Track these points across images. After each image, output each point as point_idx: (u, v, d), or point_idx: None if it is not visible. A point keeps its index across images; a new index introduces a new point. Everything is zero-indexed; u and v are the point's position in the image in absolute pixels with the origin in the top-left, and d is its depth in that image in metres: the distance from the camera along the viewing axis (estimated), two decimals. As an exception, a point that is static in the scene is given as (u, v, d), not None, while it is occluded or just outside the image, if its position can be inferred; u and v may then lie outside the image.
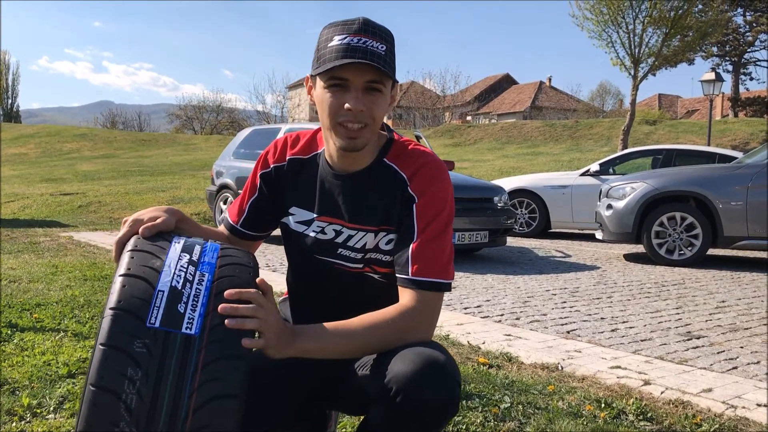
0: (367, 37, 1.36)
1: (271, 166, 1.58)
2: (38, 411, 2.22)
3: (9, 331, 3.22)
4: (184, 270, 1.21)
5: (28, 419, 2.17)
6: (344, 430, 2.20)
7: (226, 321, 1.15)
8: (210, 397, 1.10)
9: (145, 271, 1.19)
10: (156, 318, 1.13)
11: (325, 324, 1.31)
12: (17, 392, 2.39)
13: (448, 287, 1.42)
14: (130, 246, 1.26)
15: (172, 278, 1.18)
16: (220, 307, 1.16)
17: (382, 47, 1.36)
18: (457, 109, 50.78)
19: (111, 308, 1.13)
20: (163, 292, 1.16)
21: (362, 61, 1.33)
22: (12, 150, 31.55)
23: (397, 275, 1.42)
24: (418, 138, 9.43)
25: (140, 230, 1.31)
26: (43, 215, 12.03)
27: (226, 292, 1.18)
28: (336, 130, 1.41)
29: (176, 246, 1.26)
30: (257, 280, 1.25)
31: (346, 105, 1.36)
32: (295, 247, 1.58)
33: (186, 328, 1.14)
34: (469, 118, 52.23)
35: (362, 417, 1.49)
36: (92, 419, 1.07)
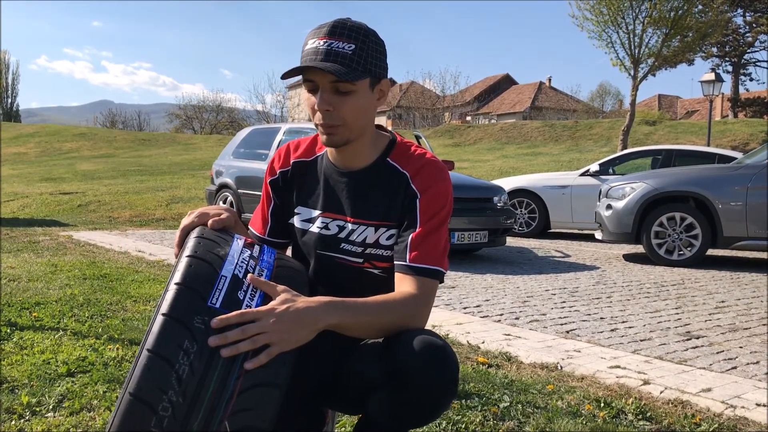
0: (333, 39, 1.41)
1: (278, 171, 1.65)
2: (37, 409, 2.22)
3: (8, 330, 3.22)
4: (246, 263, 1.30)
5: (27, 417, 2.17)
6: (343, 429, 2.20)
7: (221, 351, 1.17)
8: (256, 382, 1.16)
9: (210, 256, 1.27)
10: (217, 299, 1.20)
11: (348, 299, 1.35)
12: (16, 391, 2.39)
13: (442, 276, 1.48)
14: (196, 233, 1.35)
15: (235, 267, 1.27)
16: (210, 341, 1.17)
17: (349, 47, 1.40)
18: (456, 110, 50.80)
19: (176, 283, 1.20)
20: (226, 277, 1.24)
21: (307, 65, 1.38)
22: (11, 149, 31.55)
23: (395, 262, 1.48)
24: (417, 138, 9.43)
25: (210, 222, 1.40)
26: (43, 214, 12.03)
27: (215, 321, 1.18)
28: (317, 127, 1.48)
29: (238, 242, 1.36)
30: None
31: (315, 105, 1.43)
32: (300, 244, 1.63)
33: None
34: (468, 118, 52.22)
35: (359, 416, 1.50)
36: (143, 383, 1.11)
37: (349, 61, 1.40)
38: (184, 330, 1.15)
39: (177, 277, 1.21)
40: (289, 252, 1.71)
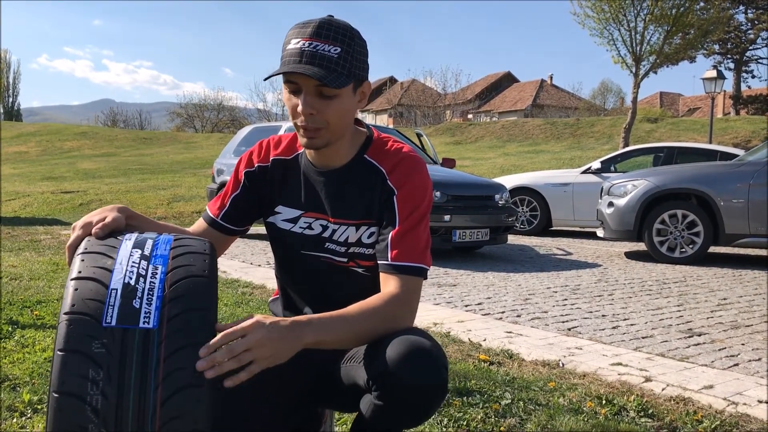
0: (318, 41, 1.36)
1: (256, 165, 1.61)
2: (39, 407, 2.23)
3: (10, 328, 3.22)
4: (137, 265, 1.20)
5: (29, 415, 2.17)
6: (344, 426, 2.20)
7: (225, 382, 1.14)
8: (177, 387, 1.10)
9: (96, 271, 1.18)
10: (112, 317, 1.12)
11: (323, 314, 1.32)
12: (18, 388, 2.39)
13: (425, 273, 1.45)
14: (80, 249, 1.25)
15: (125, 275, 1.18)
16: (198, 365, 1.12)
17: (335, 50, 1.37)
18: (458, 108, 50.76)
19: (65, 313, 1.13)
20: (117, 290, 1.15)
21: (295, 71, 1.35)
22: (13, 148, 31.58)
23: (378, 262, 1.46)
24: (419, 136, 9.43)
25: (92, 231, 1.30)
26: (44, 213, 12.04)
27: (202, 351, 1.13)
28: (297, 129, 1.45)
29: (127, 243, 1.25)
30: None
31: (298, 108, 1.40)
32: (283, 245, 1.61)
33: (144, 323, 1.13)
34: (470, 116, 52.22)
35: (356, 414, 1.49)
36: (59, 426, 1.07)
37: (335, 65, 1.36)
38: (85, 360, 1.09)
39: (65, 305, 1.14)
40: (270, 255, 1.69)
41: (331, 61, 1.36)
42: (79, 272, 1.18)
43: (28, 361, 2.71)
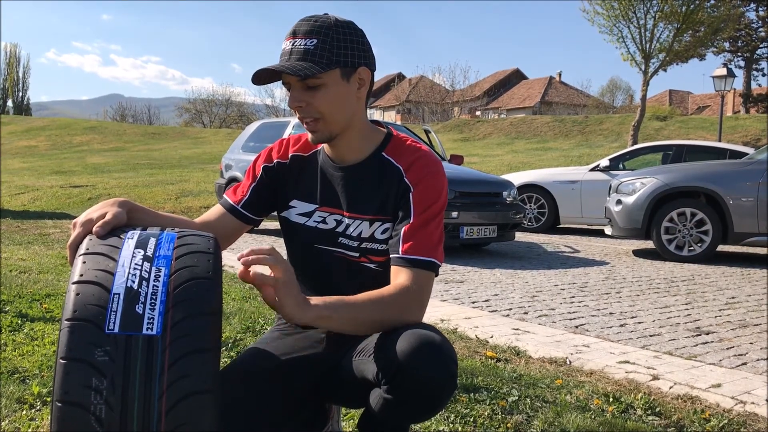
0: (296, 38, 1.43)
1: (275, 161, 1.64)
2: (48, 399, 2.24)
3: (19, 321, 3.24)
4: (139, 267, 1.16)
5: (38, 407, 2.18)
6: (351, 421, 2.21)
7: (242, 269, 1.24)
8: (181, 395, 1.08)
9: (98, 275, 1.15)
10: (114, 323, 1.10)
11: (332, 297, 1.35)
12: (27, 381, 2.41)
13: (437, 268, 1.47)
14: (82, 249, 1.22)
15: (127, 278, 1.14)
16: (242, 261, 1.25)
17: (311, 42, 1.42)
18: (466, 104, 50.64)
19: (67, 319, 1.10)
20: (119, 294, 1.12)
21: (264, 67, 1.43)
22: (22, 142, 31.75)
23: (390, 256, 1.48)
24: (427, 133, 9.42)
25: (94, 230, 1.27)
26: (53, 207, 12.11)
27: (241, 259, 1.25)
28: (302, 125, 1.51)
29: (129, 243, 1.22)
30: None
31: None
32: (296, 239, 1.63)
33: (147, 329, 1.10)
34: (478, 113, 52.07)
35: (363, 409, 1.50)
36: None
37: (311, 56, 1.41)
38: (88, 368, 1.06)
39: (67, 311, 1.11)
40: (282, 248, 1.69)
41: (306, 53, 1.42)
42: (81, 275, 1.15)
43: (38, 353, 2.73)
